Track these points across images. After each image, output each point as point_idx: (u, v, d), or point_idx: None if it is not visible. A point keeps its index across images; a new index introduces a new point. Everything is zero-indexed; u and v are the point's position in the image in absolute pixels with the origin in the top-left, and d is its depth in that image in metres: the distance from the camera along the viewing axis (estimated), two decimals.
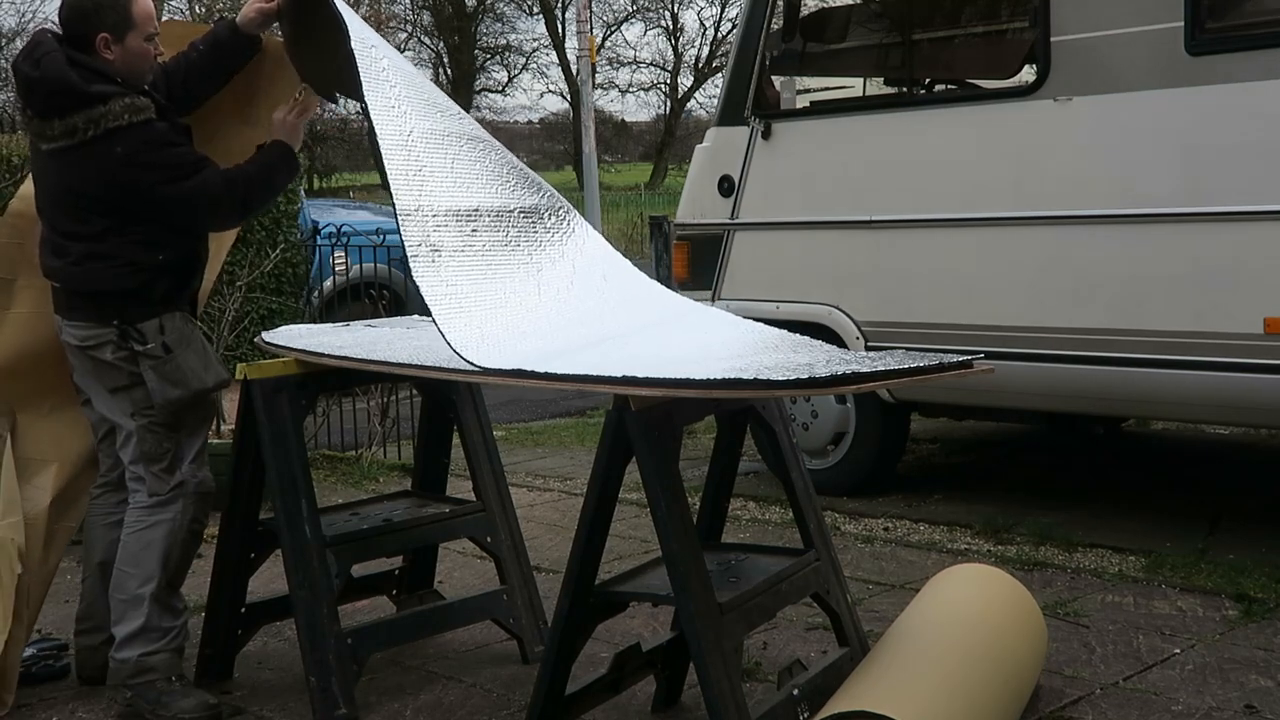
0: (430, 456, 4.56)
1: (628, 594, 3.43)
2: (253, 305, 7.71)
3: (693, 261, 6.51)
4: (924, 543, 5.51)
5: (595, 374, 2.99)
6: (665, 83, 43.72)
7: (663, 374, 2.93)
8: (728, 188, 6.33)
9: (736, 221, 6.34)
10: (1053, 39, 5.27)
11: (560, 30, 40.43)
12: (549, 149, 47.81)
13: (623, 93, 50.18)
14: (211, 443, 4.62)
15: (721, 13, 38.90)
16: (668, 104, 44.17)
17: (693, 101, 43.16)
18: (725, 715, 2.99)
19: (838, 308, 5.98)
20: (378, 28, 32.55)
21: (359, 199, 20.88)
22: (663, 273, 10.17)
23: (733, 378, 2.82)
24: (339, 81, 4.06)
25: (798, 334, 3.51)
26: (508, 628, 4.23)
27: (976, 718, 3.21)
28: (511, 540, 4.28)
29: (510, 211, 3.66)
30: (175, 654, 3.85)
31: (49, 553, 4.02)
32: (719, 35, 40.03)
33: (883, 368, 2.92)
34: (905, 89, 6.31)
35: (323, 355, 3.82)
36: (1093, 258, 5.21)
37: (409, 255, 3.28)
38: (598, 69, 36.23)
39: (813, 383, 2.81)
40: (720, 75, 26.42)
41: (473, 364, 3.14)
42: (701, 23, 57.35)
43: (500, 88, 43.10)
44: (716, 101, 6.78)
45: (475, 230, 3.50)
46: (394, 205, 3.32)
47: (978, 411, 6.25)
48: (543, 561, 5.21)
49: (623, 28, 47.43)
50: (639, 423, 3.08)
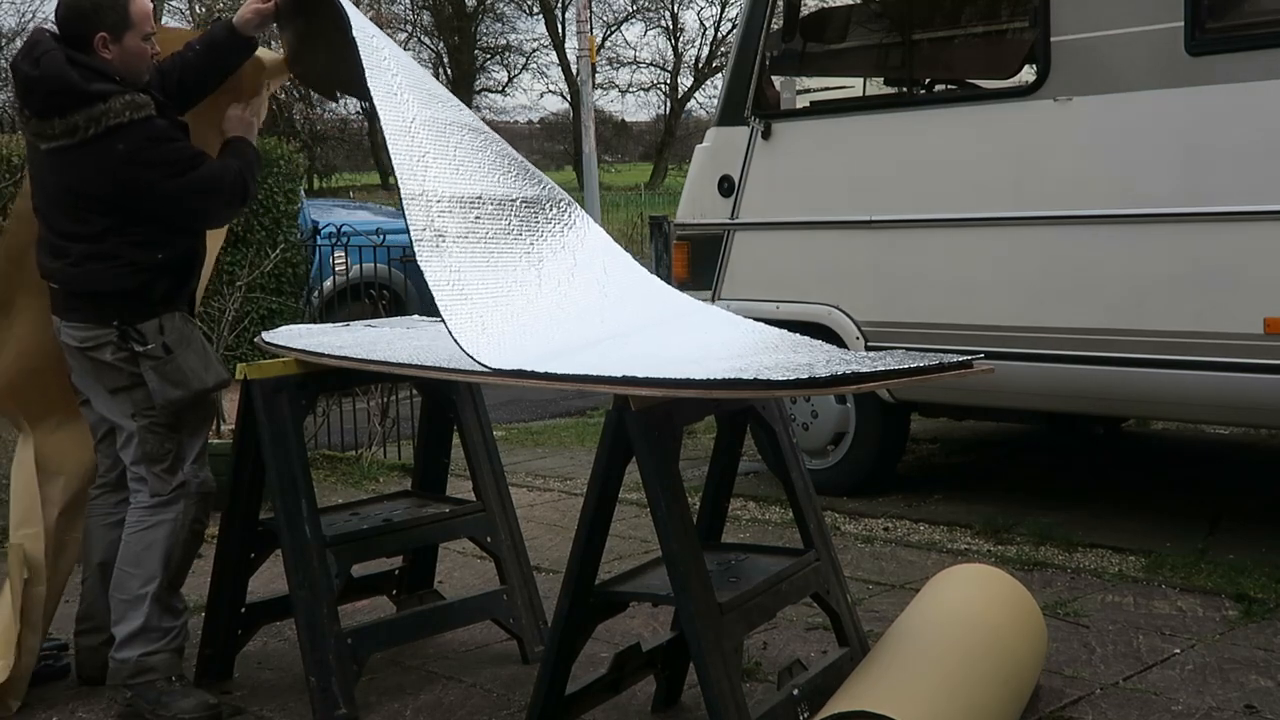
0: (430, 456, 4.56)
1: (628, 594, 3.43)
2: (253, 305, 7.71)
3: (693, 261, 6.51)
4: (924, 543, 5.51)
5: (595, 374, 2.99)
6: (665, 83, 43.74)
7: (663, 374, 2.93)
8: (728, 188, 6.33)
9: (736, 221, 6.34)
10: (1053, 39, 5.27)
11: (560, 30, 40.44)
12: (549, 149, 47.76)
13: (623, 93, 50.21)
14: (211, 443, 4.62)
15: (721, 13, 38.94)
16: (668, 104, 44.17)
17: (693, 101, 43.18)
18: (725, 715, 2.99)
19: (838, 308, 5.98)
20: (378, 29, 32.85)
21: (359, 199, 20.87)
22: (663, 273, 10.15)
23: (733, 378, 2.82)
24: (339, 80, 4.07)
25: (798, 334, 3.51)
26: (508, 628, 4.23)
27: (976, 718, 3.21)
28: (511, 540, 4.28)
29: (513, 200, 3.66)
30: (175, 654, 3.85)
31: (59, 562, 4.04)
32: (719, 35, 40.05)
33: (883, 368, 2.92)
34: (905, 89, 6.31)
35: (323, 355, 3.82)
36: (1093, 258, 5.21)
37: (414, 239, 3.27)
38: (598, 69, 36.23)
39: (813, 383, 2.81)
40: (720, 75, 26.41)
41: (474, 359, 3.14)
42: (701, 23, 57.40)
43: (500, 88, 43.11)
44: (716, 101, 6.78)
45: (479, 217, 3.50)
46: (398, 189, 3.32)
47: (978, 411, 6.25)
48: (543, 561, 5.21)
49: (623, 28, 47.44)
50: (639, 423, 3.08)
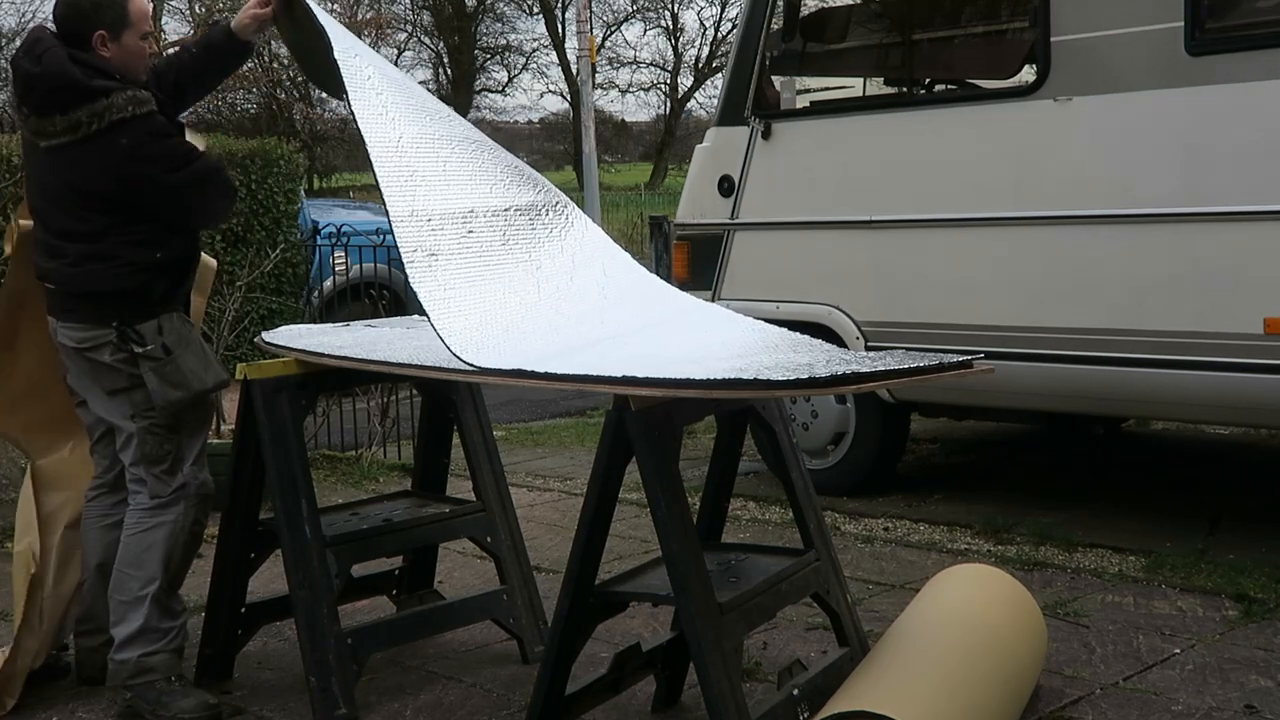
0: (430, 456, 4.56)
1: (628, 594, 3.43)
2: (253, 305, 7.72)
3: (693, 261, 6.51)
4: (924, 543, 5.51)
5: (595, 374, 2.99)
6: (665, 83, 43.71)
7: (663, 374, 2.93)
8: (728, 188, 6.33)
9: (736, 221, 6.34)
10: (1053, 39, 5.27)
11: (560, 30, 40.42)
12: (549, 149, 47.76)
13: (623, 93, 50.12)
14: (211, 443, 4.62)
15: (721, 13, 38.91)
16: (668, 104, 44.14)
17: (693, 101, 43.15)
18: (725, 715, 2.99)
19: (838, 308, 5.98)
20: (378, 29, 32.54)
21: (359, 199, 20.82)
22: (663, 273, 10.15)
23: (733, 378, 2.82)
24: (340, 82, 4.07)
25: (798, 333, 3.51)
26: (508, 628, 4.23)
27: (976, 718, 3.21)
28: (511, 540, 4.28)
29: (506, 210, 3.66)
30: (175, 655, 3.85)
31: (67, 572, 4.06)
32: (719, 35, 40.03)
33: (883, 368, 2.92)
34: (905, 89, 6.30)
35: (323, 355, 3.82)
36: (1093, 258, 5.21)
37: (405, 261, 3.29)
38: (598, 69, 36.21)
39: (813, 383, 2.81)
40: (720, 75, 26.39)
41: (471, 365, 3.14)
42: (701, 23, 57.36)
43: (500, 88, 43.08)
44: (716, 101, 6.78)
45: (471, 231, 3.50)
46: (387, 213, 3.33)
47: (977, 411, 6.25)
48: (543, 561, 5.20)
49: (623, 28, 47.36)
50: (639, 423, 3.08)
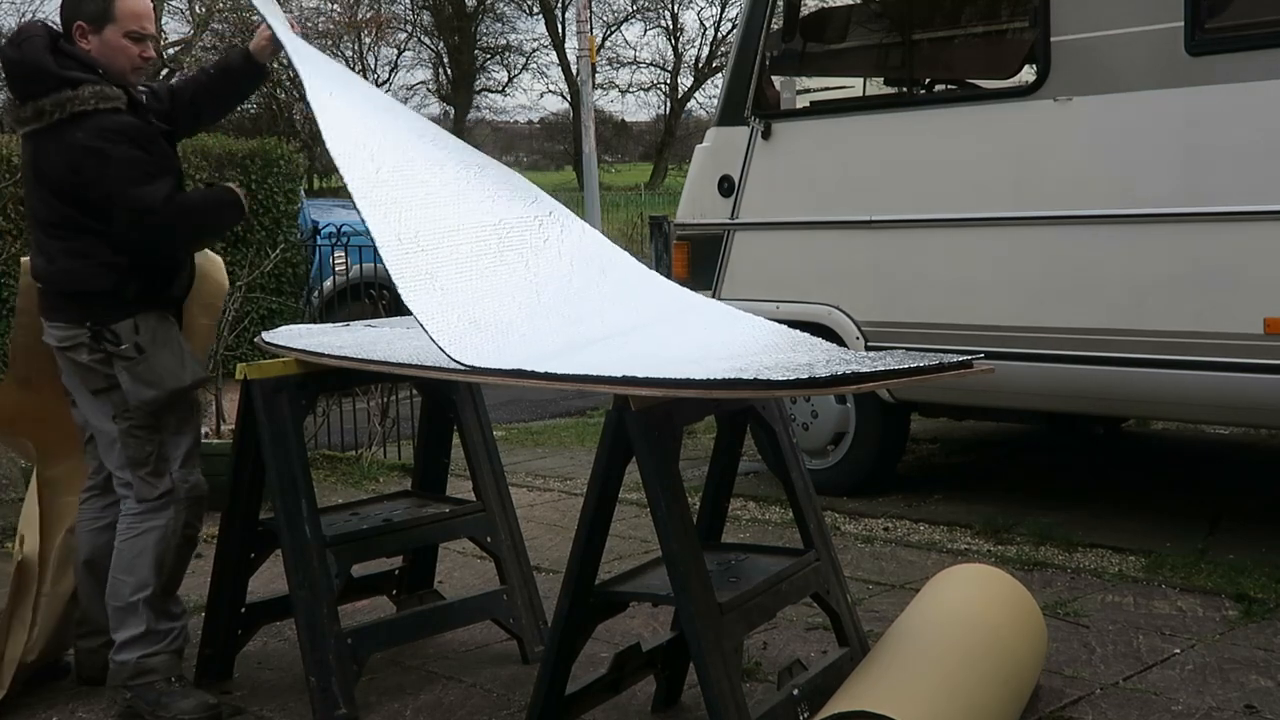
0: (430, 456, 4.56)
1: (628, 594, 3.42)
2: (253, 305, 7.73)
3: (693, 261, 6.52)
4: (924, 543, 5.51)
5: (595, 374, 2.99)
6: (665, 83, 43.68)
7: (663, 374, 2.93)
8: (728, 188, 6.33)
9: (736, 221, 6.34)
10: (1053, 39, 5.27)
11: (560, 30, 40.39)
12: (549, 149, 47.76)
13: (623, 93, 50.09)
14: (212, 443, 4.63)
15: (721, 13, 38.89)
16: (668, 104, 44.11)
17: (693, 101, 43.12)
18: (725, 715, 2.99)
19: (838, 308, 5.98)
20: (378, 29, 32.41)
21: None
22: (662, 273, 10.14)
23: (733, 378, 2.82)
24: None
25: (798, 331, 3.51)
26: (508, 628, 4.23)
27: (976, 718, 3.21)
28: (511, 540, 4.28)
29: (498, 224, 3.66)
30: (175, 655, 3.85)
31: (64, 573, 4.06)
32: (719, 35, 40.00)
33: (883, 368, 2.92)
34: (905, 89, 6.31)
35: (323, 355, 3.81)
36: (1093, 258, 5.21)
37: (396, 283, 3.26)
38: (598, 69, 36.22)
39: (813, 383, 2.81)
40: (720, 75, 26.40)
41: (472, 365, 3.14)
42: (701, 23, 57.38)
43: (500, 88, 43.05)
44: (716, 101, 6.78)
45: (460, 245, 3.50)
46: (374, 245, 3.33)
47: (977, 411, 6.25)
48: (543, 561, 5.20)
49: (623, 28, 47.33)
50: (639, 423, 3.08)
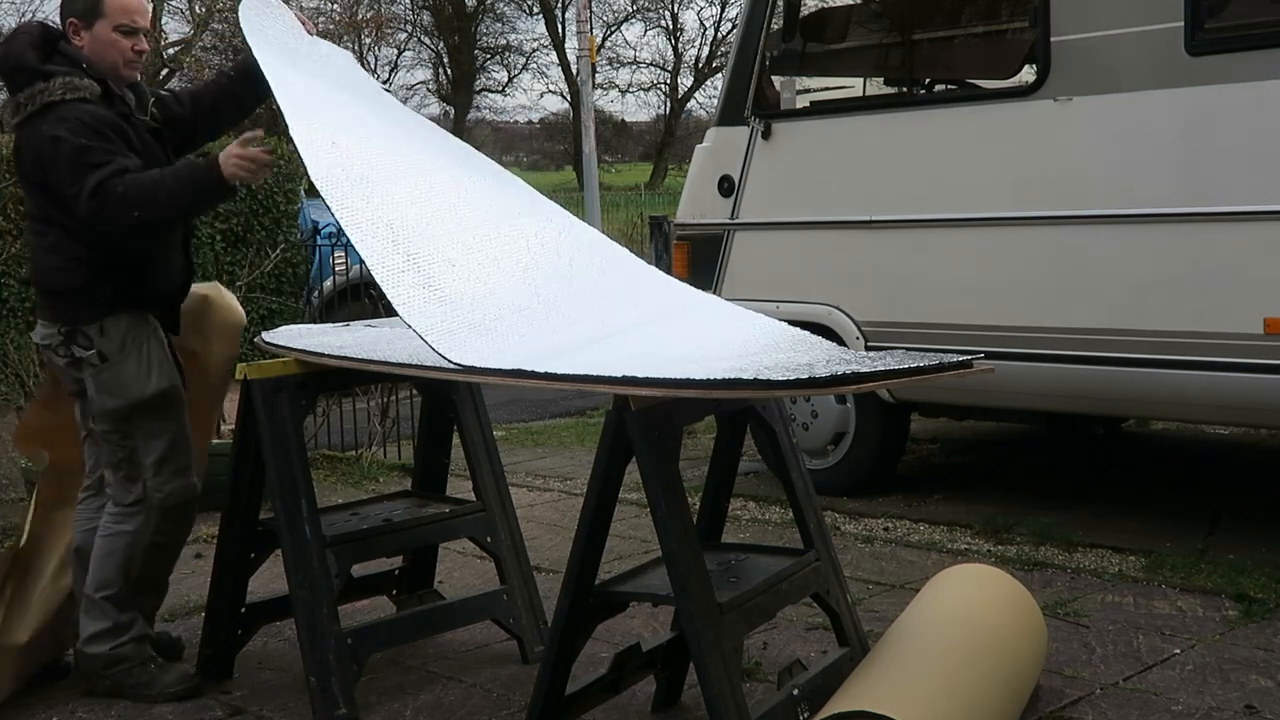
0: (430, 456, 4.56)
1: (628, 594, 3.42)
2: (253, 305, 7.72)
3: (693, 261, 6.51)
4: (924, 543, 5.51)
5: (595, 374, 2.99)
6: (665, 83, 43.73)
7: (663, 374, 2.93)
8: (728, 188, 6.33)
9: (736, 221, 6.34)
10: (1053, 39, 5.27)
11: (560, 30, 40.42)
12: (549, 149, 47.78)
13: (623, 93, 50.12)
14: (212, 443, 4.62)
15: (721, 13, 38.95)
16: (668, 104, 44.16)
17: (693, 101, 43.17)
18: (725, 715, 2.99)
19: (838, 308, 5.98)
20: (378, 29, 32.33)
21: None
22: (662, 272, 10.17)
23: (733, 378, 2.82)
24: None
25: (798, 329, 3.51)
26: (508, 628, 4.23)
27: (976, 718, 3.21)
28: (511, 540, 4.28)
29: (495, 228, 3.68)
30: (140, 642, 3.90)
31: (65, 571, 4.07)
32: (719, 35, 40.04)
33: (883, 368, 2.92)
34: (905, 89, 6.30)
35: (323, 355, 3.81)
36: (1093, 258, 5.21)
37: (392, 300, 3.25)
38: (598, 69, 36.22)
39: (813, 383, 2.81)
40: (720, 75, 26.40)
41: (471, 366, 3.14)
42: (701, 23, 57.37)
43: (500, 88, 43.12)
44: (716, 101, 6.78)
45: (454, 257, 3.50)
46: (372, 279, 3.32)
47: (977, 411, 6.24)
48: (543, 561, 5.20)
49: (623, 28, 47.38)
50: (639, 423, 3.08)
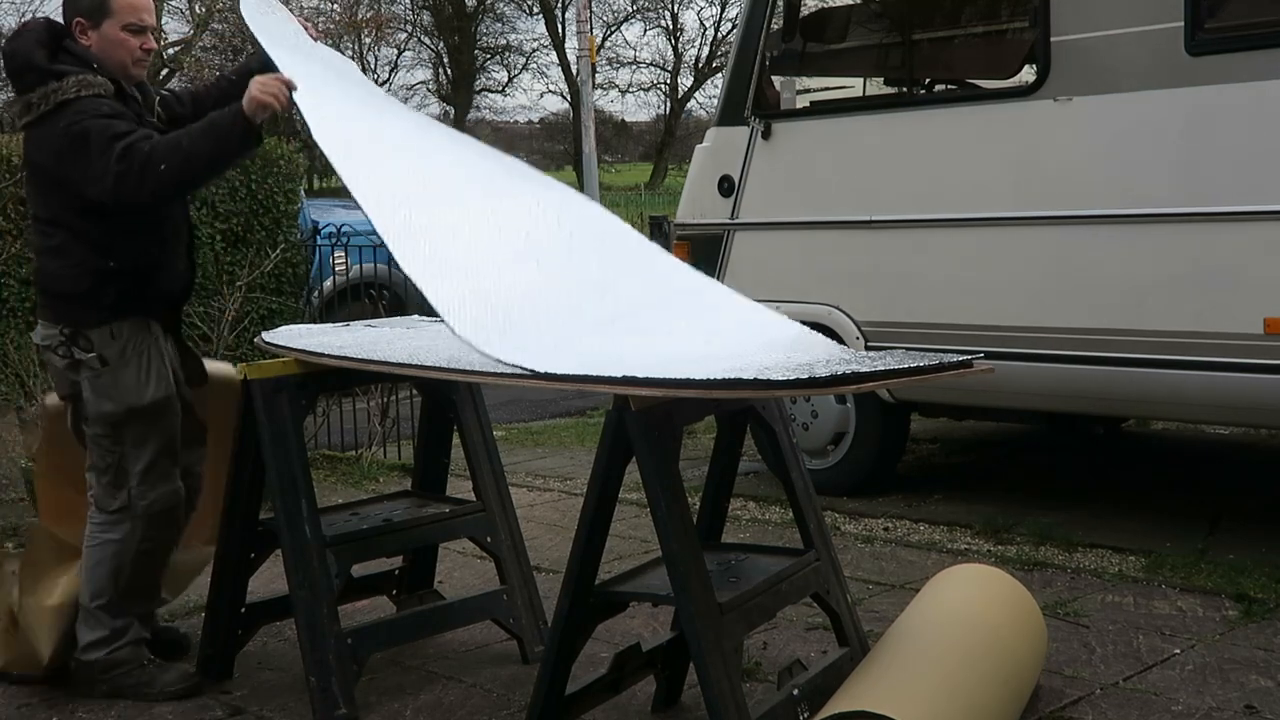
0: (430, 456, 4.56)
1: (628, 594, 3.42)
2: (253, 305, 7.72)
3: (693, 261, 6.45)
4: (924, 543, 5.51)
5: (595, 374, 2.99)
6: (665, 83, 43.71)
7: (663, 374, 2.93)
8: (728, 188, 6.33)
9: (736, 221, 6.33)
10: (1053, 39, 5.27)
11: (560, 30, 40.41)
12: (549, 149, 47.72)
13: (623, 93, 50.03)
14: None
15: (721, 13, 38.91)
16: (668, 104, 44.14)
17: (693, 101, 43.15)
18: (725, 715, 2.99)
19: (838, 308, 5.98)
20: (378, 29, 32.31)
21: None
22: None
23: (733, 378, 2.82)
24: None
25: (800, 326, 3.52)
26: (508, 628, 4.23)
27: (976, 718, 3.21)
28: (511, 540, 4.28)
29: (495, 210, 3.68)
30: (137, 645, 3.91)
31: (51, 586, 4.06)
32: (719, 35, 40.03)
33: (883, 368, 2.92)
34: (905, 89, 6.30)
35: (323, 355, 3.81)
36: (1093, 258, 5.21)
37: (407, 272, 3.32)
38: (598, 69, 36.21)
39: (813, 383, 2.81)
40: (720, 75, 26.38)
41: (484, 350, 3.15)
42: (701, 23, 57.29)
43: (500, 88, 43.11)
44: (716, 101, 6.78)
45: (460, 231, 3.51)
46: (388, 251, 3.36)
47: (977, 411, 6.24)
48: (543, 561, 5.20)
49: (623, 28, 47.27)
50: (639, 423, 3.08)
